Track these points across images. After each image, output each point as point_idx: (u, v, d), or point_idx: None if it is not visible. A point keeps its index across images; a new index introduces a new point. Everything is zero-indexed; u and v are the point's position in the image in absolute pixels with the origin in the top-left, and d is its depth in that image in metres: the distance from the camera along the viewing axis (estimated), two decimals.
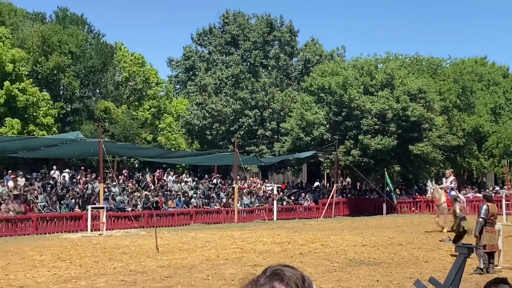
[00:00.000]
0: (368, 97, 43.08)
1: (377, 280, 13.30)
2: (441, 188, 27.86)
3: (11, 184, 32.73)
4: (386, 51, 57.54)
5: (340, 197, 43.66)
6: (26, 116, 40.46)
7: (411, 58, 56.46)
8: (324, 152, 44.40)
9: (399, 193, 44.81)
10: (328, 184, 52.26)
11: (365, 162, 42.59)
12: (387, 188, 41.43)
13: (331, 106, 44.20)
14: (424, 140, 43.21)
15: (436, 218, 27.37)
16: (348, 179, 51.72)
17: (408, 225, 30.58)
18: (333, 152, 43.24)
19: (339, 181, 46.68)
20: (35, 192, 32.42)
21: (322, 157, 46.31)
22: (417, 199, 44.00)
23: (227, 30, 57.45)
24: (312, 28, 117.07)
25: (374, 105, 42.39)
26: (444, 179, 28.43)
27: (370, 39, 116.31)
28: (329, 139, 43.32)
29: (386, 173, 40.70)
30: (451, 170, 29.57)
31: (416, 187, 47.34)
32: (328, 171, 52.15)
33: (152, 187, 39.08)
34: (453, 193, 26.52)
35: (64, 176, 36.61)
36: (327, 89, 44.55)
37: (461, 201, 25.23)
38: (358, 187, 49.34)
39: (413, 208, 42.91)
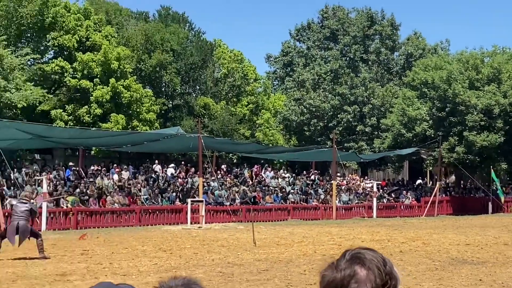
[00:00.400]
0: (474, 92, 41.80)
1: (480, 280, 12.89)
2: None
3: (116, 177, 33.95)
4: (493, 45, 55.44)
5: (444, 196, 42.62)
6: (130, 112, 41.52)
7: None
8: (426, 148, 43.50)
9: (506, 191, 43.24)
10: (431, 182, 51.03)
11: (470, 159, 41.36)
12: (493, 186, 40.11)
13: (434, 101, 43.17)
14: None
15: None
16: (452, 177, 50.40)
17: None
18: (436, 148, 42.31)
19: (443, 179, 45.53)
20: (139, 185, 33.50)
21: (425, 154, 45.30)
22: None
23: (326, 25, 57.13)
24: (415, 22, 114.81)
25: (480, 100, 41.11)
26: None
27: (475, 32, 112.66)
28: (432, 135, 42.37)
29: (492, 170, 39.43)
30: None
31: None
32: (431, 168, 50.91)
33: (250, 182, 39.44)
34: None
35: (166, 170, 37.56)
36: (430, 84, 43.54)
37: None
38: (462, 185, 47.97)
39: None
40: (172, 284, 2.07)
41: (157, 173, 36.78)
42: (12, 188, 28.54)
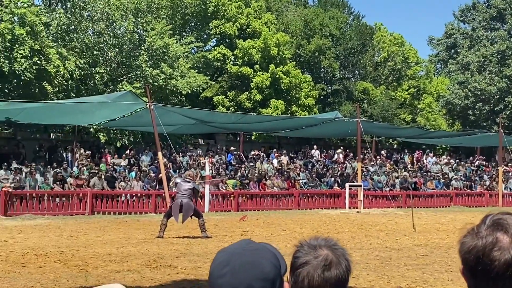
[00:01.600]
0: None
1: None
2: None
3: (275, 162, 34.55)
4: None
5: None
6: (289, 97, 41.93)
7: None
8: None
9: None
10: None
11: None
12: None
13: None
14: None
15: None
16: None
17: None
18: None
19: None
20: (297, 169, 33.87)
21: None
22: None
23: (493, 5, 54.64)
24: None
25: None
26: None
27: None
28: None
29: None
30: None
31: None
32: None
33: (411, 168, 38.70)
34: None
35: (324, 155, 37.66)
36: None
37: None
38: None
39: None
40: (314, 243, 2.08)
41: (315, 158, 36.98)
42: (177, 171, 29.84)
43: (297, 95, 42.25)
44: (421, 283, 10.14)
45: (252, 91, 41.27)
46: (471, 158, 43.62)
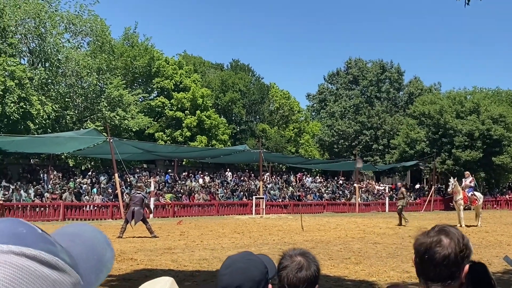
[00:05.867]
0: (459, 120, 40.88)
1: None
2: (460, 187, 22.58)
3: (200, 181, 34.29)
4: (473, 86, 54.08)
5: (437, 196, 41.56)
6: (210, 134, 41.95)
7: (493, 91, 53.01)
8: (424, 161, 42.57)
9: (483, 193, 41.86)
10: (427, 186, 49.84)
11: (456, 169, 40.29)
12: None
13: (430, 127, 42.34)
14: (504, 153, 40.36)
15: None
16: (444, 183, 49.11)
17: (492, 218, 28.54)
18: (431, 161, 41.38)
19: (436, 184, 44.45)
20: (216, 186, 33.73)
21: (423, 165, 44.32)
22: (498, 199, 41.32)
23: (350, 72, 56.72)
24: (415, 69, 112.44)
25: (464, 126, 40.19)
26: (463, 179, 24.30)
27: (460, 76, 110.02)
28: (428, 152, 41.49)
29: (473, 178, 38.26)
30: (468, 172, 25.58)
31: (497, 189, 44.29)
32: (427, 176, 49.79)
33: (296, 185, 39.29)
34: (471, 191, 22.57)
35: (235, 175, 37.70)
36: (427, 115, 42.73)
37: (478, 199, 22.47)
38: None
39: (495, 206, 40.26)
40: (291, 253, 2.18)
41: (228, 178, 36.98)
42: (128, 187, 29.11)
43: (216, 133, 42.33)
44: None
45: (183, 129, 40.99)
46: (336, 178, 44.64)
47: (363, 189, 40.63)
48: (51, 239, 0.81)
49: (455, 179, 22.69)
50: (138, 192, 16.56)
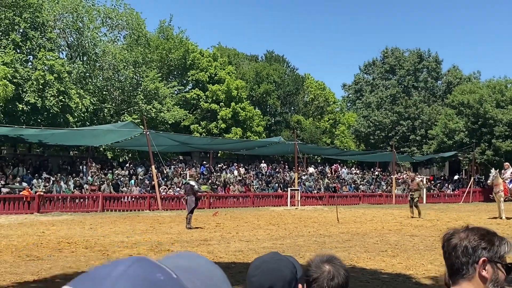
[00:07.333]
0: (500, 110, 39.75)
1: None
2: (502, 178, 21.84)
3: (235, 172, 34.48)
4: None
5: (476, 187, 40.58)
6: (245, 126, 42.09)
7: None
8: (463, 152, 41.61)
9: None
10: (466, 177, 48.71)
11: (496, 160, 39.24)
12: None
13: (469, 117, 41.29)
14: None
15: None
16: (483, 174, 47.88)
17: None
18: (470, 152, 40.41)
19: (475, 175, 43.40)
20: (251, 178, 33.85)
21: (462, 156, 43.32)
22: None
23: (387, 62, 55.82)
24: (454, 57, 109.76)
25: (504, 116, 39.10)
26: (503, 171, 23.39)
27: (501, 64, 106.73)
28: (467, 142, 40.54)
29: None
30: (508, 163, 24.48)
31: None
32: (466, 167, 48.64)
33: (331, 176, 39.06)
34: None
35: (270, 167, 37.73)
36: (466, 104, 41.66)
37: None
38: None
39: None
40: (317, 262, 2.17)
41: (263, 170, 37.03)
42: (164, 179, 29.53)
43: (250, 124, 42.42)
44: (348, 261, 10.16)
45: (218, 121, 41.25)
46: (372, 169, 44.17)
47: (399, 181, 40.04)
48: (185, 284, 0.73)
49: (497, 170, 22.02)
50: (190, 180, 16.88)
